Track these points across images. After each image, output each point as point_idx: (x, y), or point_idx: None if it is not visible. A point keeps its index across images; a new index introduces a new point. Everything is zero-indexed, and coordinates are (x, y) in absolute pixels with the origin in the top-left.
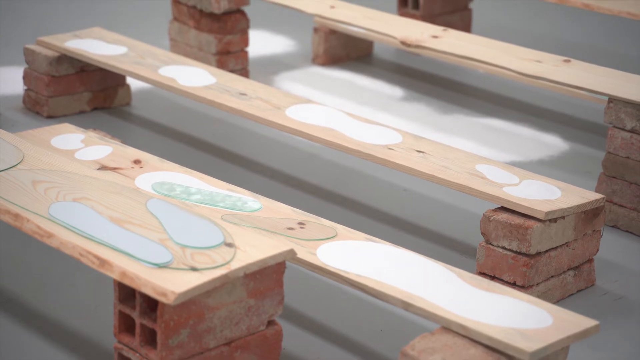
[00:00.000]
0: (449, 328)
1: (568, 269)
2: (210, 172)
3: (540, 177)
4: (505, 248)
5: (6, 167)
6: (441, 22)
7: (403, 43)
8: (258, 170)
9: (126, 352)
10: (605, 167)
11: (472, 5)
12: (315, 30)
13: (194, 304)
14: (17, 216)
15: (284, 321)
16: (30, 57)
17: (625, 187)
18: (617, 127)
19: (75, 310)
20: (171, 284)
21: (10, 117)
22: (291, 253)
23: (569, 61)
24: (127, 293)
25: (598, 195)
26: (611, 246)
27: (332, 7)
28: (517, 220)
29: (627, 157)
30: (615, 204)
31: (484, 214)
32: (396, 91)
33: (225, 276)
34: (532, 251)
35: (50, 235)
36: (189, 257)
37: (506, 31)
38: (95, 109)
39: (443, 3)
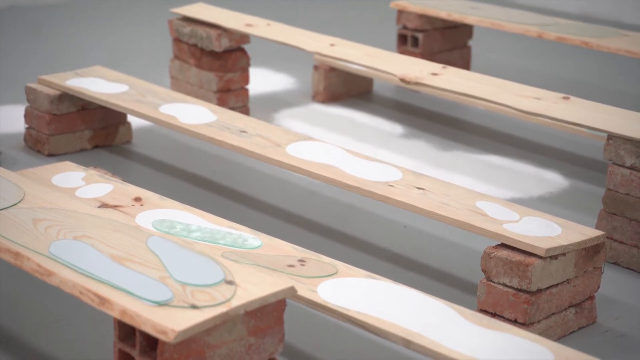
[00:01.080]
0: None
1: (569, 306)
2: (210, 210)
3: (541, 214)
4: (506, 285)
5: (7, 206)
6: (440, 59)
7: (402, 80)
8: (258, 207)
9: None
10: (605, 204)
11: (471, 43)
12: (315, 67)
13: (194, 342)
14: (17, 255)
15: (284, 359)
16: (31, 95)
17: (626, 223)
18: (616, 164)
19: (75, 348)
20: (171, 322)
21: (11, 155)
22: (292, 290)
23: (568, 98)
24: (127, 331)
25: (598, 232)
26: (612, 283)
27: (332, 45)
28: (517, 257)
29: (627, 194)
30: (616, 240)
31: (484, 251)
32: (396, 128)
33: (225, 314)
34: (533, 288)
35: (50, 274)
36: (189, 295)
37: (505, 69)
38: (96, 146)
39: (442, 41)
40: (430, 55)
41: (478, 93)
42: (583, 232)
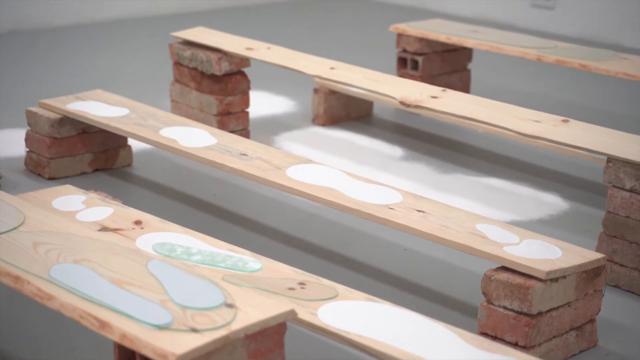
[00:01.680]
0: None
1: (570, 329)
2: (211, 232)
3: (541, 237)
4: (506, 308)
5: (7, 229)
6: (440, 82)
7: (402, 103)
8: (259, 230)
9: None
10: (605, 227)
11: (470, 66)
12: (315, 90)
13: None
14: (17, 278)
15: None
16: (32, 119)
17: (626, 246)
18: (616, 187)
19: None
20: (171, 346)
21: (12, 179)
22: (292, 313)
23: (567, 121)
24: (127, 355)
25: (599, 255)
26: (613, 306)
27: (332, 68)
28: (518, 280)
29: (627, 217)
30: (617, 263)
31: (484, 274)
32: (396, 151)
33: (225, 337)
34: (534, 311)
35: (50, 298)
36: (190, 318)
37: (504, 91)
38: (96, 170)
39: (442, 64)
40: (429, 78)
41: (478, 116)
42: (583, 254)
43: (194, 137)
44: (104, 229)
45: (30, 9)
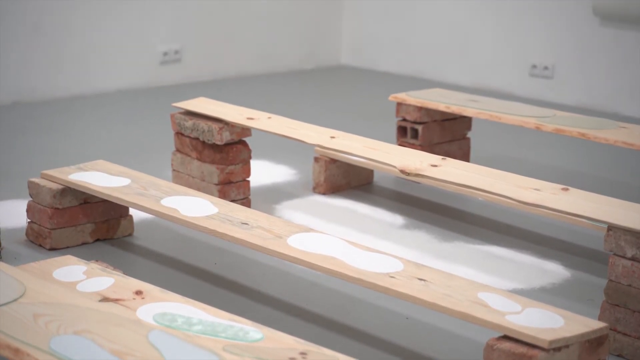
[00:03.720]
0: None
1: None
2: (212, 302)
3: (543, 305)
4: None
5: (8, 301)
6: (440, 151)
7: (403, 172)
8: (260, 299)
9: None
10: (607, 295)
11: (470, 135)
12: (316, 159)
13: None
14: (17, 351)
15: None
16: (34, 190)
17: (629, 315)
18: (617, 255)
19: None
20: None
21: (13, 249)
22: None
23: (567, 189)
24: None
25: (602, 324)
26: None
27: (333, 137)
28: (520, 349)
29: (630, 285)
30: (620, 332)
31: (487, 343)
32: (397, 219)
33: None
34: None
35: None
36: None
37: (504, 160)
38: (97, 240)
39: (441, 132)
40: (429, 146)
41: (478, 184)
42: (586, 323)
43: (195, 207)
44: (105, 299)
45: (34, 81)
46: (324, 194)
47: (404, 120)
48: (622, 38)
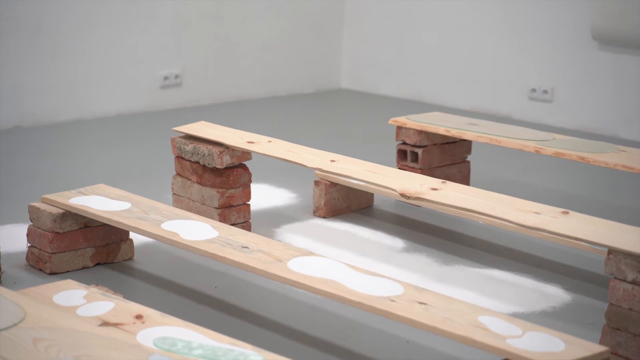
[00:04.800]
0: None
1: None
2: (212, 326)
3: (544, 329)
4: None
5: (7, 326)
6: (440, 174)
7: (403, 195)
8: (260, 323)
9: None
10: (608, 319)
11: (469, 158)
12: (316, 183)
13: None
14: None
15: None
16: (34, 214)
17: (630, 339)
18: (618, 279)
19: None
20: None
21: (13, 274)
22: None
23: (567, 213)
24: None
25: (602, 348)
26: None
27: (333, 161)
28: None
29: (631, 309)
30: (621, 356)
31: None
32: (397, 242)
33: None
34: None
35: None
36: None
37: (503, 183)
38: (98, 264)
39: (441, 156)
40: (429, 170)
41: (478, 207)
42: (587, 347)
43: (196, 230)
44: (105, 323)
45: (34, 106)
46: (324, 217)
47: (404, 143)
48: (621, 62)
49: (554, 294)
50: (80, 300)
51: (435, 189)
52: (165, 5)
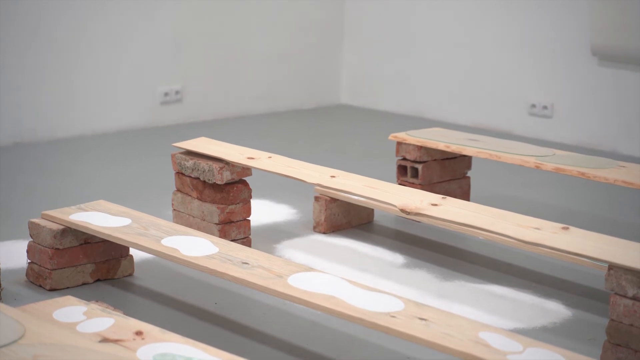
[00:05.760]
0: None
1: None
2: (212, 342)
3: (544, 345)
4: None
5: (7, 343)
6: (440, 190)
7: (403, 211)
8: (260, 339)
9: None
10: (609, 335)
11: (469, 174)
12: (316, 198)
13: None
14: None
15: None
16: (34, 230)
17: (631, 355)
18: (618, 294)
19: None
20: None
21: (12, 290)
22: None
23: (567, 228)
24: None
25: None
26: None
27: (333, 176)
28: None
29: (631, 325)
30: None
31: None
32: (397, 258)
33: None
34: None
35: None
36: None
37: (504, 199)
38: (98, 280)
39: (441, 172)
40: (429, 185)
41: (478, 223)
42: None
43: (196, 246)
44: (105, 340)
45: (34, 122)
46: (324, 233)
47: (404, 159)
48: (621, 78)
49: (554, 310)
50: (80, 317)
51: (436, 205)
52: (165, 21)
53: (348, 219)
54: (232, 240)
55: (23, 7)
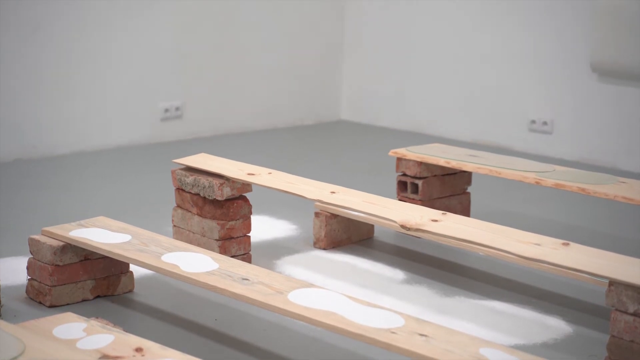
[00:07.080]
0: None
1: None
2: (212, 359)
3: None
4: None
5: None
6: (440, 205)
7: (403, 227)
8: (260, 355)
9: None
10: (610, 351)
11: (470, 190)
12: (317, 214)
13: None
14: None
15: None
16: (34, 247)
17: None
18: (619, 310)
19: None
20: None
21: (12, 307)
22: None
23: (567, 244)
24: None
25: None
26: None
27: (333, 192)
28: None
29: (632, 341)
30: None
31: None
32: (397, 274)
33: None
34: None
35: None
36: None
37: (504, 215)
38: (98, 296)
39: (441, 187)
40: (429, 201)
41: (478, 239)
42: None
43: (196, 263)
44: (104, 356)
45: (35, 138)
46: (324, 249)
47: (404, 175)
48: (621, 94)
49: (554, 326)
50: (80, 333)
51: (436, 221)
52: (165, 37)
53: (348, 235)
54: (232, 257)
55: (24, 23)
